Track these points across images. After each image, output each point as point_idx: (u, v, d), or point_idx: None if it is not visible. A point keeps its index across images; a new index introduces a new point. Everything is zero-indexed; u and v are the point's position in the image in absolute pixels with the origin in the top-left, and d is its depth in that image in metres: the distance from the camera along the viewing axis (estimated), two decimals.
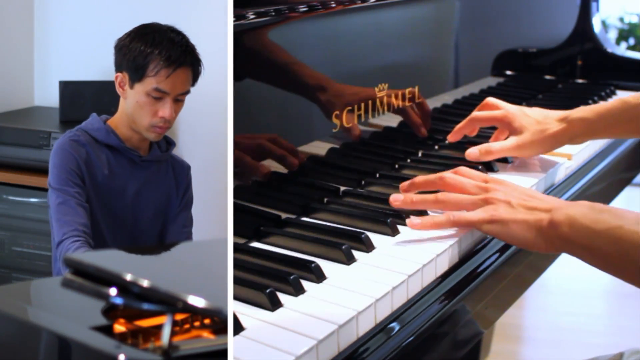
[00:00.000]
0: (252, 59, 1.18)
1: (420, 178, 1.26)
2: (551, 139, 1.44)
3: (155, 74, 1.64)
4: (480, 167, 1.41)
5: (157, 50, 1.64)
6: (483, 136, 1.65)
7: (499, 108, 1.49)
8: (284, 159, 1.25)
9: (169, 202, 1.81)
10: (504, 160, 1.49)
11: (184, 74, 1.67)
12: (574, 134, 1.44)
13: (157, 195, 1.78)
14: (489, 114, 1.50)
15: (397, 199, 1.22)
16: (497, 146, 1.43)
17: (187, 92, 1.70)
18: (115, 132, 1.72)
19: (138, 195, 1.75)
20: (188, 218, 1.86)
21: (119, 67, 1.70)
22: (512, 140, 1.44)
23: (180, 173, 1.84)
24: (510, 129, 1.47)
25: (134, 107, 1.68)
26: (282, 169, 1.25)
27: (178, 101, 1.69)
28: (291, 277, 0.99)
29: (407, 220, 1.17)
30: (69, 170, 1.66)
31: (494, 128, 1.55)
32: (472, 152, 1.43)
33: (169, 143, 1.82)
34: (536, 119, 1.46)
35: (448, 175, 1.24)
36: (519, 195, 1.15)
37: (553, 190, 1.45)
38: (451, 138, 1.53)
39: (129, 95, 1.68)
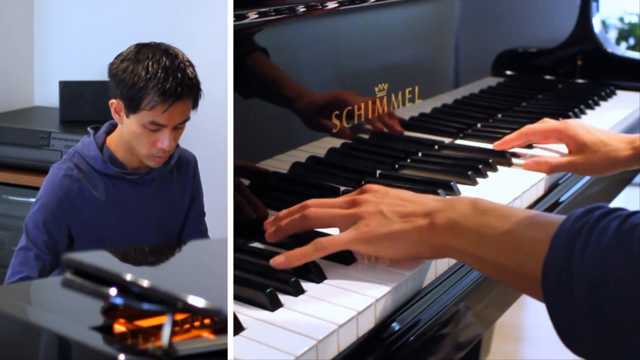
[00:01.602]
0: (247, 62, 1.18)
1: (284, 211, 1.12)
2: (619, 162, 1.40)
3: (151, 109, 1.54)
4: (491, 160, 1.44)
5: (151, 84, 1.53)
6: (493, 137, 1.65)
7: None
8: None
9: (173, 212, 1.75)
10: (505, 160, 1.49)
11: (182, 106, 1.56)
12: (637, 160, 1.39)
13: (158, 210, 1.72)
14: (546, 126, 1.47)
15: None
16: (563, 161, 1.42)
17: (187, 119, 1.61)
18: (115, 155, 1.64)
19: (138, 214, 1.69)
20: (205, 224, 1.82)
21: (113, 94, 1.61)
22: (579, 158, 1.41)
23: (186, 173, 1.76)
24: (571, 142, 1.44)
25: (131, 136, 1.59)
26: (282, 169, 1.25)
27: (177, 129, 1.60)
28: (291, 278, 0.99)
29: (271, 261, 1.02)
30: (48, 214, 1.60)
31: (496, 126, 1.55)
32: (531, 163, 1.42)
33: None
34: (601, 138, 1.41)
35: (311, 201, 1.10)
36: (391, 201, 1.04)
37: (554, 189, 1.45)
38: (497, 147, 1.51)
39: (126, 123, 1.60)
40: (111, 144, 1.66)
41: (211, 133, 2.47)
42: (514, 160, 1.50)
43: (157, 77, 1.53)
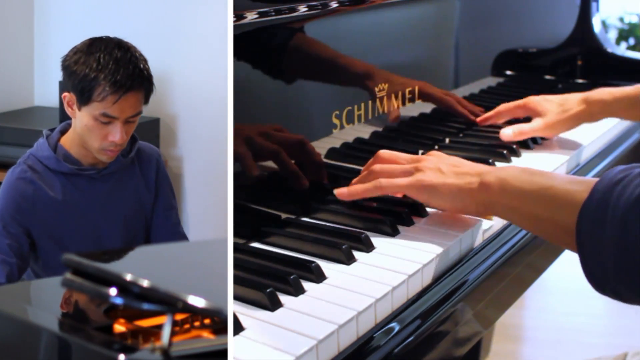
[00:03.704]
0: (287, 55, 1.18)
1: (363, 169, 1.28)
2: (573, 119, 1.59)
3: (102, 100, 1.54)
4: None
5: (102, 75, 1.54)
6: (487, 136, 1.66)
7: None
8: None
9: (140, 205, 1.73)
10: (504, 158, 1.49)
11: (133, 98, 1.57)
12: (593, 113, 1.59)
13: (124, 204, 1.70)
14: (513, 103, 1.65)
15: (342, 193, 1.23)
16: (527, 127, 1.59)
17: (139, 113, 1.61)
18: (69, 153, 1.64)
19: (102, 210, 1.68)
20: (175, 216, 1.80)
21: (65, 87, 1.61)
22: (540, 122, 1.59)
23: (148, 165, 1.74)
24: (534, 113, 1.62)
25: (83, 130, 1.59)
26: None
27: (129, 123, 1.60)
28: (291, 277, 0.99)
29: (335, 191, 1.22)
30: (6, 218, 1.61)
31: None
32: (506, 133, 1.58)
33: (133, 140, 1.71)
34: (557, 102, 1.61)
35: (382, 151, 1.27)
36: (449, 161, 1.18)
37: None
38: (480, 121, 1.68)
39: (78, 116, 1.60)
40: (65, 142, 1.66)
41: (211, 133, 2.48)
42: (513, 158, 1.51)
43: (109, 68, 1.54)
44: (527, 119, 1.65)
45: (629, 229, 0.87)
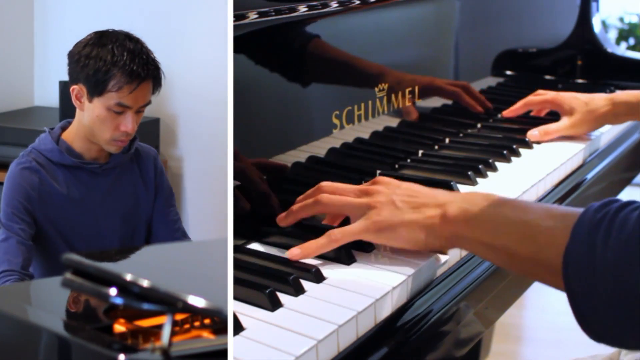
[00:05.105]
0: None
1: (298, 203, 1.14)
2: (599, 119, 1.64)
3: (118, 90, 1.57)
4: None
5: (118, 65, 1.57)
6: (487, 136, 1.65)
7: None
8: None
9: (137, 202, 1.74)
10: (504, 159, 1.49)
11: (146, 87, 1.61)
12: (618, 115, 1.64)
13: (122, 200, 1.72)
14: (542, 98, 1.72)
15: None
16: (553, 127, 1.63)
17: (149, 103, 1.64)
18: (71, 147, 1.65)
19: (102, 205, 1.69)
20: (175, 213, 1.80)
21: (75, 79, 1.62)
22: (566, 121, 1.64)
23: (146, 164, 1.76)
24: (561, 110, 1.67)
25: (94, 121, 1.61)
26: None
27: (139, 112, 1.63)
28: (291, 277, 0.99)
29: (287, 253, 1.06)
30: (16, 204, 1.61)
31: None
32: (533, 134, 1.61)
33: (132, 138, 1.72)
34: (584, 101, 1.65)
35: (325, 184, 1.14)
36: (403, 192, 1.06)
37: (554, 190, 1.44)
38: (506, 114, 1.74)
39: (88, 108, 1.61)
40: (68, 136, 1.68)
41: (211, 133, 2.48)
42: (513, 158, 1.51)
43: (124, 59, 1.58)
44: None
45: (623, 278, 0.82)
